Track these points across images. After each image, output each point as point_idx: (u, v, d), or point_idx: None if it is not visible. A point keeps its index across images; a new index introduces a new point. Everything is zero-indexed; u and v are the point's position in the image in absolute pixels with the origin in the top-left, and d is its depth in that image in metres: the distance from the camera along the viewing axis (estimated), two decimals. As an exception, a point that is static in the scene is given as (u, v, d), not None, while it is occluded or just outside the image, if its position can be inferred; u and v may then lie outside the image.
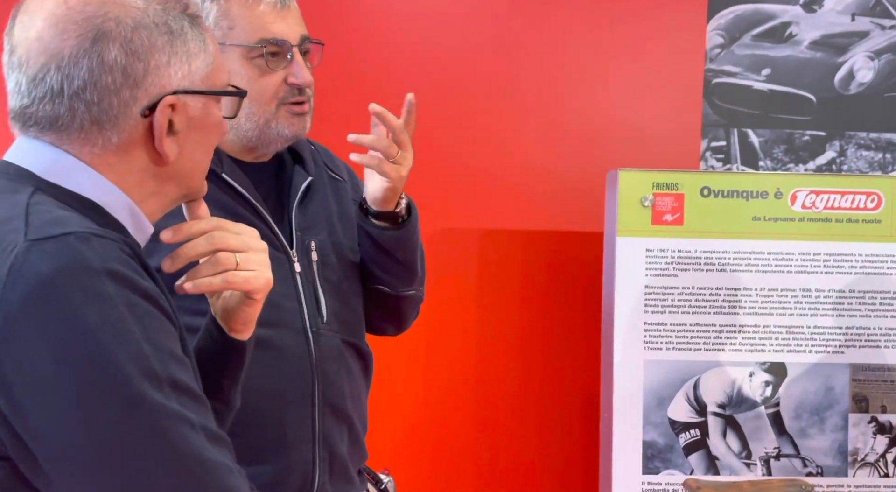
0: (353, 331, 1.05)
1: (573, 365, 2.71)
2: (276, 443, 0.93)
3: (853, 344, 2.18)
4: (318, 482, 0.95)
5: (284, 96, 0.99)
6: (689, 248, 2.20)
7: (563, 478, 2.71)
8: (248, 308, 0.77)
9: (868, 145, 2.89)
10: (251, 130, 0.98)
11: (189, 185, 0.72)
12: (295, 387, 0.95)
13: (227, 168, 0.97)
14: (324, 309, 0.99)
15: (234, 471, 0.62)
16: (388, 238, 1.06)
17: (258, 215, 0.97)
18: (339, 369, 1.01)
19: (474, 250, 2.75)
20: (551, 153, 2.77)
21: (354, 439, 1.03)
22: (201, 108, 0.69)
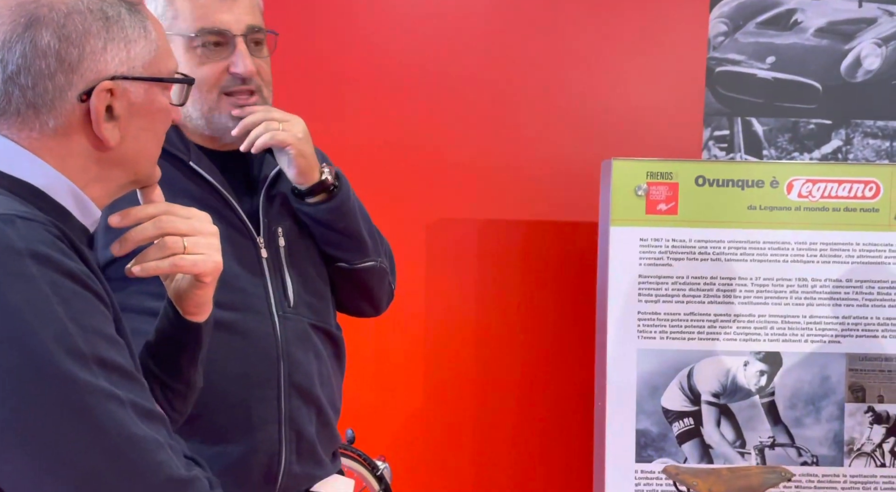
0: (322, 315, 1.07)
1: (569, 354, 2.72)
2: (242, 424, 0.95)
3: (850, 334, 2.16)
4: (285, 463, 0.97)
5: (226, 85, 0.98)
6: (683, 237, 2.19)
7: (559, 466, 2.73)
8: (199, 291, 0.78)
9: (875, 133, 2.84)
10: (199, 117, 1.00)
11: (137, 170, 0.72)
12: (260, 369, 0.97)
13: (194, 156, 0.99)
14: (291, 294, 1.00)
15: (164, 446, 0.62)
16: (324, 212, 1.05)
17: (225, 202, 0.99)
18: (307, 352, 1.02)
19: (473, 240, 2.77)
20: (551, 143, 2.77)
21: (324, 421, 1.05)
22: (143, 94, 0.69)
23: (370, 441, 2.63)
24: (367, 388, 2.67)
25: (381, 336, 2.71)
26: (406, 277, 2.76)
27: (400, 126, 2.69)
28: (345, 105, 2.67)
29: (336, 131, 2.70)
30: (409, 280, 2.75)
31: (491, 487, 2.74)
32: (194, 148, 1.01)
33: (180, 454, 0.65)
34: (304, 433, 1.00)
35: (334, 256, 1.11)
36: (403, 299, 2.79)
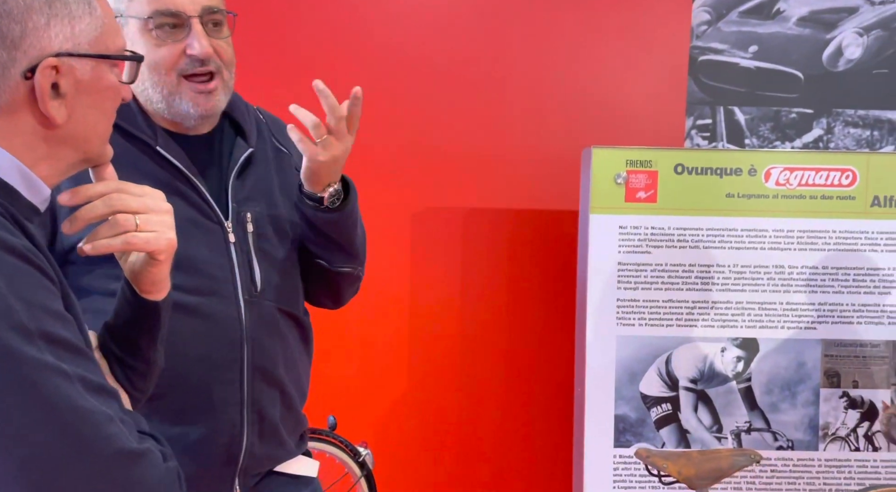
0: (290, 300, 1.08)
1: (551, 340, 2.74)
2: (204, 405, 0.96)
3: (825, 320, 2.19)
4: (247, 444, 0.98)
5: (183, 68, 0.97)
6: (662, 225, 2.21)
7: (541, 451, 2.76)
8: (153, 269, 0.77)
9: (856, 123, 2.86)
10: (159, 101, 0.99)
11: (87, 149, 0.71)
12: (223, 352, 0.97)
13: (161, 141, 0.99)
14: (258, 279, 1.00)
15: (114, 420, 0.62)
16: (321, 219, 1.06)
17: (192, 186, 0.99)
18: (272, 336, 1.03)
19: (458, 228, 2.78)
20: (535, 132, 2.78)
21: (288, 404, 1.06)
22: (90, 71, 0.68)
23: (353, 428, 2.65)
24: (350, 375, 2.69)
25: (366, 324, 2.72)
26: (391, 266, 2.78)
27: (386, 116, 2.70)
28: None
29: (318, 120, 2.70)
30: (394, 268, 2.77)
31: (473, 472, 2.77)
32: (161, 132, 1.01)
33: (133, 429, 0.65)
34: (267, 416, 1.01)
35: (316, 255, 1.12)
36: (388, 287, 2.81)
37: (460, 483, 2.77)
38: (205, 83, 0.99)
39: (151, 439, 0.68)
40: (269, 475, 1.05)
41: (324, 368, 2.69)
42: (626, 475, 2.18)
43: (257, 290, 1.02)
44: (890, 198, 2.18)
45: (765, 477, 2.18)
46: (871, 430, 2.18)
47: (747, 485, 2.18)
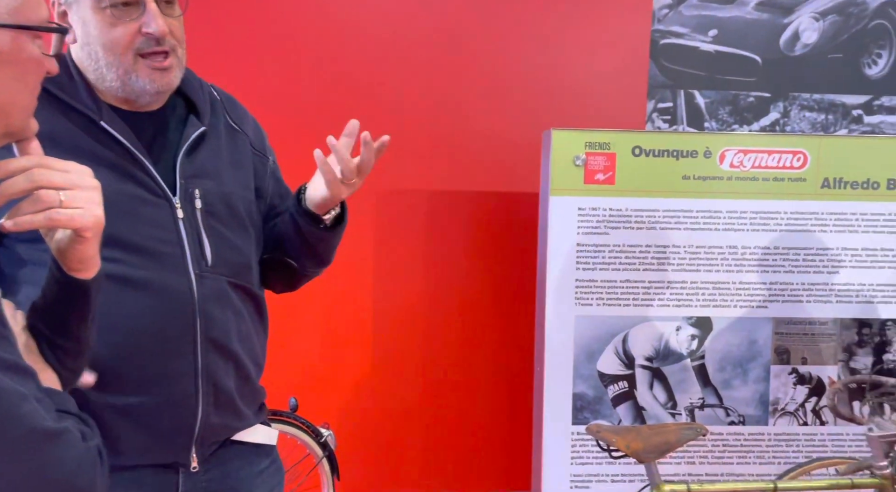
0: (242, 274, 1.08)
1: (512, 321, 2.78)
2: (157, 376, 0.97)
3: (776, 299, 2.25)
4: (202, 413, 0.99)
5: (140, 47, 0.96)
6: (619, 206, 2.24)
7: (503, 429, 2.80)
8: (79, 246, 0.75)
9: (811, 107, 2.92)
10: (114, 79, 0.99)
11: (8, 122, 0.69)
12: (175, 325, 0.98)
13: (105, 116, 0.98)
14: (208, 253, 1.01)
15: (28, 398, 0.61)
16: (313, 234, 1.10)
17: (137, 163, 0.99)
18: (225, 309, 1.04)
19: (421, 210, 2.79)
20: (497, 115, 2.79)
21: (243, 376, 1.07)
22: (10, 41, 0.66)
23: (315, 409, 2.66)
24: (312, 357, 2.70)
25: (328, 306, 2.73)
26: (355, 248, 2.78)
27: (348, 98, 2.69)
28: (292, 75, 2.65)
29: (285, 103, 2.68)
30: (357, 251, 2.77)
31: (437, 450, 2.80)
32: (106, 107, 1.00)
33: (51, 408, 0.64)
34: (222, 386, 1.03)
35: (291, 256, 1.15)
36: (352, 269, 2.82)
37: (423, 461, 2.81)
38: (160, 61, 0.99)
39: (74, 419, 0.66)
40: (228, 445, 1.06)
41: (286, 350, 2.69)
42: (583, 452, 2.23)
43: (208, 264, 1.02)
44: (839, 180, 2.24)
45: (717, 451, 2.25)
46: (818, 405, 2.26)
47: (700, 459, 2.25)
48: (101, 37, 0.96)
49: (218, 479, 1.03)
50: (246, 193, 1.12)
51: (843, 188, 2.24)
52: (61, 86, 0.99)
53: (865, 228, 2.24)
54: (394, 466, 2.78)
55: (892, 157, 2.24)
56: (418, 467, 2.80)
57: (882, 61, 2.89)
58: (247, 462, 1.08)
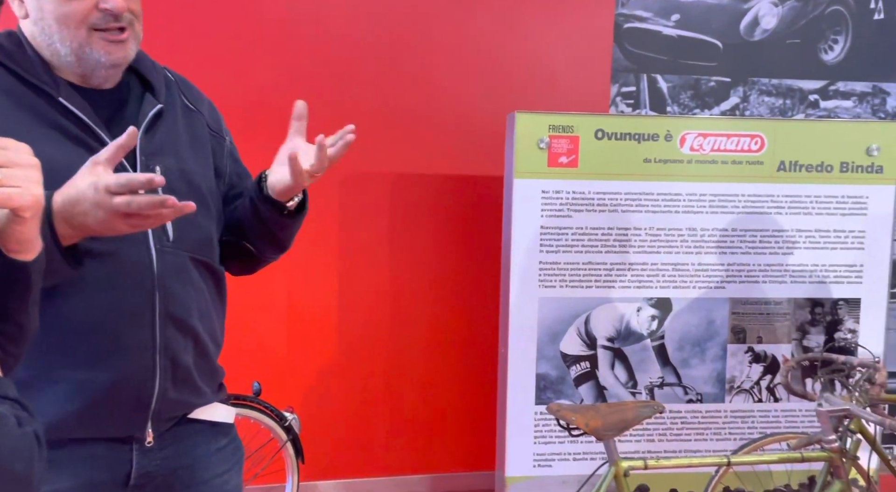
0: (203, 250, 1.08)
1: (477, 303, 2.80)
2: (114, 350, 0.96)
3: (733, 280, 2.30)
4: (159, 388, 0.98)
5: (95, 22, 0.95)
6: (582, 189, 2.26)
7: (468, 410, 2.83)
8: (18, 227, 0.72)
9: (770, 91, 2.97)
10: (68, 54, 0.97)
11: None
12: (134, 299, 0.97)
13: (64, 92, 0.97)
14: (169, 230, 1.00)
15: None
16: (275, 221, 1.10)
17: (97, 139, 0.97)
18: (185, 285, 1.03)
19: (385, 194, 2.78)
20: (462, 98, 2.78)
21: (202, 352, 1.06)
22: None
23: (279, 393, 2.65)
24: (276, 341, 2.68)
25: (293, 289, 2.71)
26: (319, 231, 2.76)
27: (312, 82, 2.65)
28: (255, 59, 2.60)
29: (247, 85, 2.63)
30: (322, 234, 2.75)
31: (402, 432, 2.82)
32: (64, 84, 0.98)
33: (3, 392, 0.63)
34: (180, 362, 1.02)
35: (249, 241, 1.14)
36: (316, 252, 2.80)
37: (388, 444, 2.82)
38: (116, 34, 0.97)
39: (11, 404, 0.65)
40: (185, 422, 1.06)
41: (250, 334, 2.67)
42: (546, 431, 2.26)
43: (169, 239, 1.01)
44: (794, 163, 2.29)
45: (675, 429, 2.31)
46: (772, 382, 2.33)
47: (659, 436, 2.30)
48: (56, 11, 0.94)
49: (173, 455, 1.03)
50: (206, 171, 1.11)
51: (798, 171, 2.29)
52: (17, 61, 0.97)
53: (819, 210, 2.30)
54: (359, 448, 2.79)
55: (845, 141, 2.30)
56: (383, 450, 2.81)
57: (838, 47, 2.96)
58: (204, 440, 1.07)
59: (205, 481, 1.06)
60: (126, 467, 0.99)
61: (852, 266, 2.32)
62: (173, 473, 1.03)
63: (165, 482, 1.02)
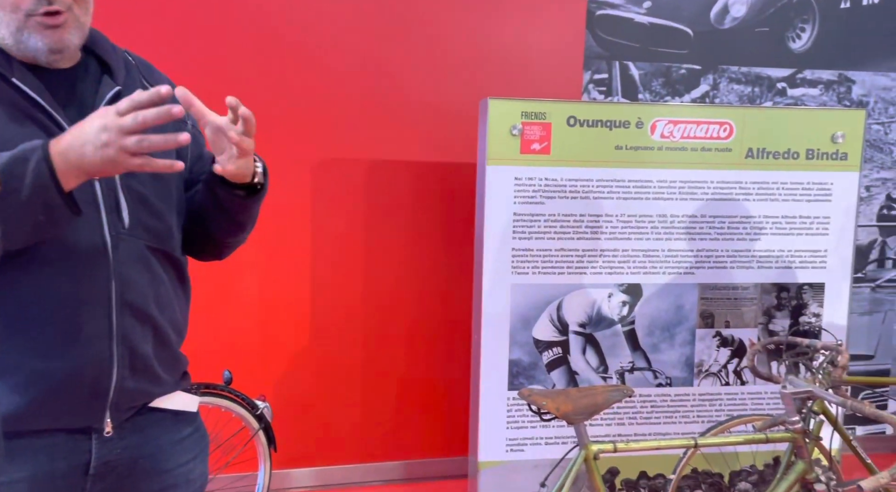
0: (162, 239, 1.06)
1: (452, 290, 2.80)
2: (70, 338, 0.94)
3: (702, 265, 2.34)
4: (117, 378, 0.97)
5: (31, 8, 0.93)
6: (555, 176, 2.27)
7: (442, 395, 2.84)
8: None
9: (739, 79, 3.01)
10: (8, 37, 0.94)
11: None
12: (89, 287, 0.96)
13: (17, 73, 0.94)
14: (125, 216, 0.98)
15: None
16: (231, 202, 1.08)
17: (52, 120, 0.95)
18: (143, 273, 1.01)
19: (360, 180, 2.75)
20: (437, 85, 2.77)
21: (162, 341, 1.05)
22: None
23: (251, 382, 2.63)
24: (248, 329, 2.65)
25: (265, 277, 2.68)
26: (292, 218, 2.74)
27: (283, 68, 2.61)
28: (221, 43, 2.55)
29: (221, 70, 2.58)
30: (294, 220, 2.72)
31: (375, 420, 2.82)
32: (17, 64, 0.96)
33: None
34: (139, 351, 1.00)
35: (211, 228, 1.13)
36: (289, 239, 2.77)
37: (362, 431, 2.82)
38: (52, 17, 0.94)
39: None
40: (146, 412, 1.04)
41: (221, 322, 2.64)
42: (518, 416, 2.28)
43: (125, 226, 0.99)
44: (762, 150, 2.32)
45: (645, 412, 2.34)
46: (739, 366, 2.38)
47: (629, 420, 2.34)
48: None
49: (134, 445, 1.02)
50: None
51: (766, 158, 2.33)
52: None
53: (785, 196, 2.34)
54: (332, 436, 2.78)
55: (810, 128, 2.34)
56: (357, 437, 2.81)
57: (805, 35, 3.00)
58: (166, 430, 1.06)
59: (168, 471, 1.05)
60: (85, 456, 0.98)
61: (817, 252, 2.37)
62: (134, 462, 1.01)
63: (127, 472, 1.01)
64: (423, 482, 2.83)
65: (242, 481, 2.55)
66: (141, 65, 1.14)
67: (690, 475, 2.38)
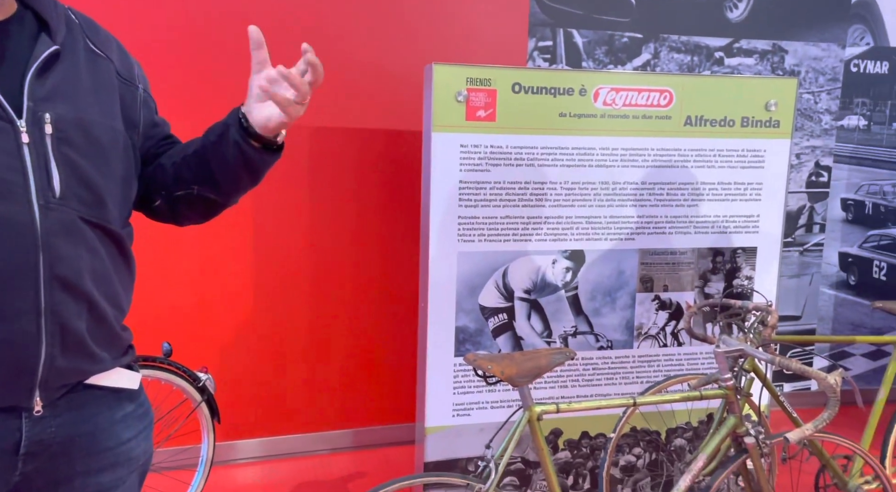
0: (98, 211, 1.00)
1: (399, 258, 2.80)
2: None
3: (643, 231, 2.39)
4: (46, 355, 0.92)
5: None
6: (500, 143, 2.27)
7: (389, 363, 2.86)
8: None
9: (679, 48, 3.06)
10: None
11: None
12: (14, 258, 0.90)
13: None
14: (56, 184, 0.92)
15: None
16: (261, 159, 1.08)
17: None
18: (76, 245, 0.96)
19: (304, 148, 2.70)
20: (380, 50, 2.71)
21: (98, 317, 1.00)
22: None
23: (193, 353, 2.58)
24: (189, 299, 2.59)
25: (205, 246, 2.61)
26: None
27: (221, 30, 2.50)
28: (163, 7, 2.43)
29: (157, 32, 2.45)
30: (234, 190, 2.65)
31: (322, 389, 2.81)
32: None
33: None
34: (71, 327, 0.96)
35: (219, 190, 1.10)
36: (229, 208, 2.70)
37: (309, 400, 2.81)
38: None
39: None
40: (82, 389, 1.00)
41: (160, 293, 2.56)
42: (465, 382, 2.31)
43: (55, 195, 0.93)
44: (700, 117, 2.38)
45: (587, 375, 2.41)
46: (676, 328, 2.46)
47: (572, 382, 2.40)
48: None
49: (70, 423, 0.98)
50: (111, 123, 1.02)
51: (704, 126, 2.39)
52: None
53: (721, 163, 2.41)
54: (279, 406, 2.77)
55: (746, 97, 2.40)
56: (304, 406, 2.80)
57: (742, 5, 3.07)
58: (105, 407, 1.02)
59: (109, 449, 1.02)
60: (15, 435, 0.93)
61: (750, 217, 2.46)
62: (71, 441, 0.98)
63: (62, 451, 0.97)
64: (371, 450, 2.85)
65: (185, 453, 2.52)
66: (85, 23, 1.06)
67: (630, 434, 2.47)
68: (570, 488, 2.45)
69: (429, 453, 2.29)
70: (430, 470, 2.28)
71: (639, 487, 2.51)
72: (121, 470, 1.04)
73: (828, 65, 3.23)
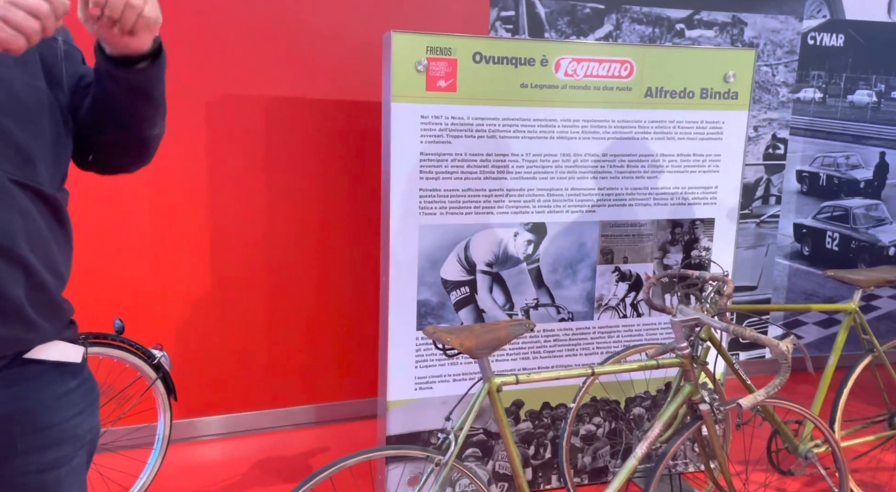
0: (28, 173, 0.95)
1: (360, 231, 2.76)
2: None
3: (604, 203, 2.40)
4: None
5: None
6: (461, 114, 2.24)
7: (350, 339, 2.84)
8: None
9: (640, 20, 3.05)
10: None
11: None
12: None
13: None
14: None
15: None
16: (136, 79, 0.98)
17: None
18: (8, 209, 0.91)
19: (259, 118, 2.62)
20: (339, 17, 2.64)
21: (36, 285, 0.96)
22: None
23: (147, 330, 2.52)
24: (143, 275, 2.52)
25: (159, 219, 2.53)
26: (186, 156, 2.58)
27: None
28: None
29: None
30: (189, 160, 2.56)
31: (283, 364, 2.78)
32: None
33: None
34: (7, 295, 0.91)
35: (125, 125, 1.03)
36: (183, 180, 2.62)
37: (269, 376, 2.78)
38: None
39: None
40: (22, 363, 0.96)
41: (112, 268, 2.49)
42: (427, 355, 2.31)
43: None
44: (660, 89, 2.38)
45: (549, 346, 2.43)
46: (636, 299, 2.49)
47: (533, 354, 2.42)
48: None
49: (9, 400, 0.94)
50: (34, 82, 0.97)
51: (664, 97, 2.39)
52: None
53: (681, 135, 2.42)
54: (239, 382, 2.73)
55: (705, 68, 2.41)
56: (265, 382, 2.77)
57: (703, -23, 3.06)
58: (46, 383, 0.98)
59: (52, 425, 0.98)
60: None
61: (708, 188, 2.49)
62: (10, 418, 0.94)
63: (2, 429, 0.93)
64: (334, 424, 2.84)
65: (140, 431, 2.47)
66: None
67: (590, 403, 2.51)
68: (531, 457, 2.48)
69: (391, 427, 2.29)
70: (393, 443, 2.28)
71: (598, 455, 2.55)
72: (66, 448, 1.01)
73: (785, 37, 3.26)
